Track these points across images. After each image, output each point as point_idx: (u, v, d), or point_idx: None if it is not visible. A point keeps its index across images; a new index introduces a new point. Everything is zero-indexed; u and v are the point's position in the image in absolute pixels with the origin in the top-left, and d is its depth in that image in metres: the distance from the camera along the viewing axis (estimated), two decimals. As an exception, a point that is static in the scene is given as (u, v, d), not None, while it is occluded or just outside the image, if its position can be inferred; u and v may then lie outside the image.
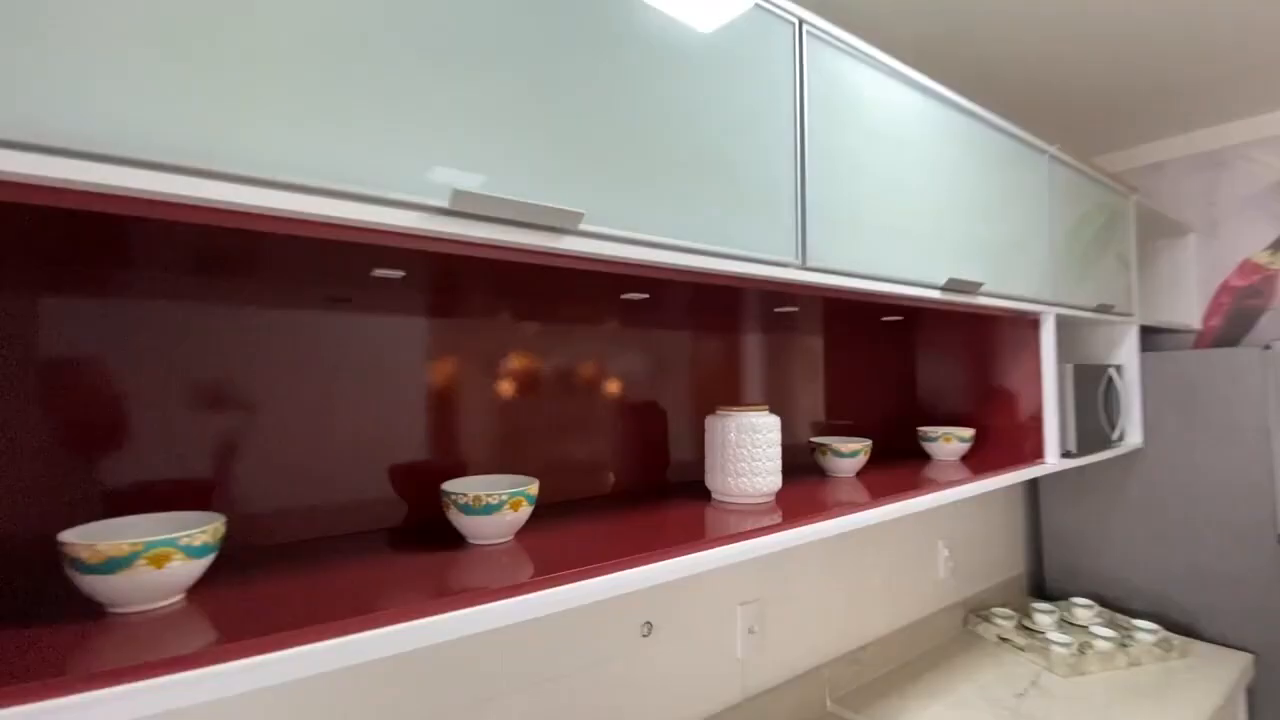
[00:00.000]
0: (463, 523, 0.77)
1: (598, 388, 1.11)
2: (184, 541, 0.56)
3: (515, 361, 1.01)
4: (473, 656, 0.94)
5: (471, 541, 0.79)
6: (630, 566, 0.71)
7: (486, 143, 0.61)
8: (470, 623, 0.59)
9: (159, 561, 0.55)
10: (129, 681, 0.45)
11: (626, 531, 0.84)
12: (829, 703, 1.44)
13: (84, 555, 0.53)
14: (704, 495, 1.08)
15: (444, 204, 0.57)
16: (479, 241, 0.61)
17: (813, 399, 1.49)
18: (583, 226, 0.66)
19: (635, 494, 1.10)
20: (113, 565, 0.53)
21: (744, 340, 1.35)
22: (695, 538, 0.80)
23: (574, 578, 0.67)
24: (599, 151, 0.69)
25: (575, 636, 1.06)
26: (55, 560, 0.64)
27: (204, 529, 0.58)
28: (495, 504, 0.76)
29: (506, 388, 1.00)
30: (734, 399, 1.32)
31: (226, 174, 0.48)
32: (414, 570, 0.68)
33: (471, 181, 0.59)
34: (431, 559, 0.72)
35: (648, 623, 1.16)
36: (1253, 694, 1.69)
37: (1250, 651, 1.70)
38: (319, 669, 0.51)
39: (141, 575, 0.54)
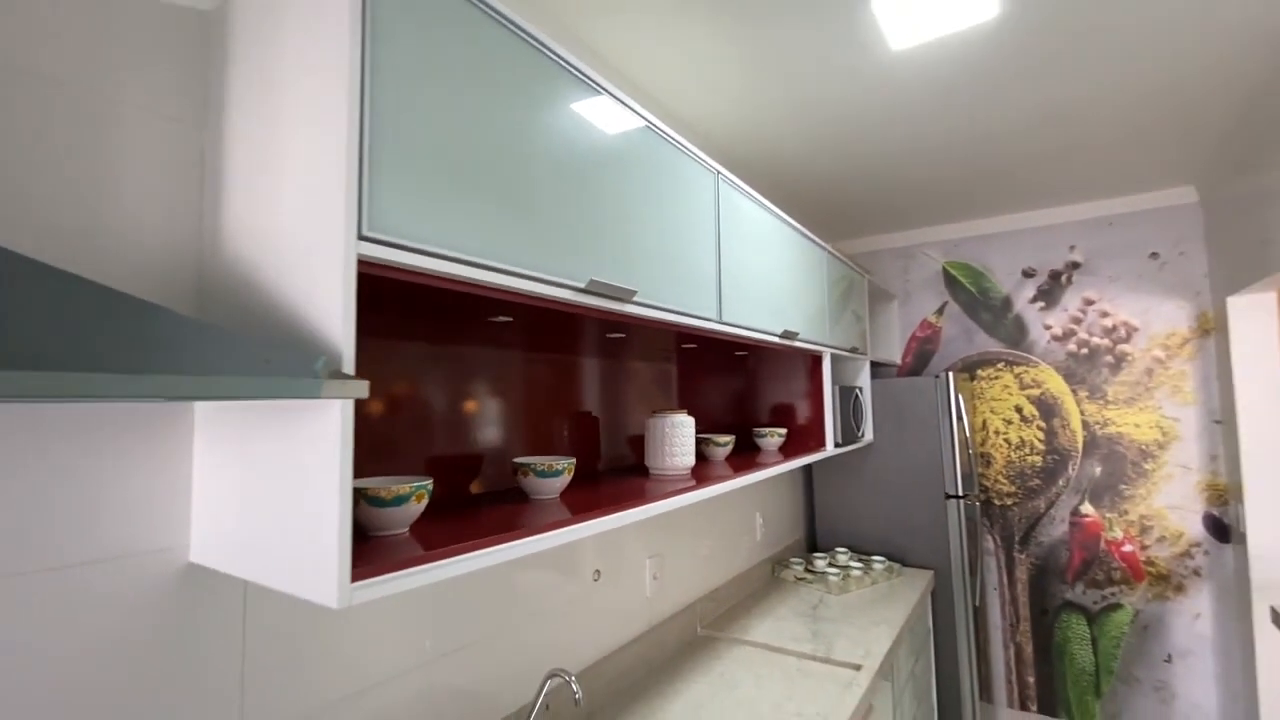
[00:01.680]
0: (532, 484, 1.16)
1: (573, 400, 1.54)
2: (430, 487, 0.90)
3: (531, 378, 1.40)
4: (498, 593, 1.30)
5: (533, 497, 1.18)
6: (630, 508, 1.15)
7: (606, 258, 1.05)
8: (548, 541, 0.96)
9: (420, 498, 0.88)
10: (455, 555, 0.80)
11: (617, 491, 1.28)
12: (699, 628, 1.99)
13: (382, 494, 0.84)
14: (644, 472, 1.56)
15: (583, 286, 1.00)
16: (588, 305, 1.04)
17: (693, 407, 2.06)
18: (635, 298, 1.13)
19: (595, 472, 1.54)
20: (399, 500, 0.85)
21: (655, 368, 1.87)
22: (657, 494, 1.27)
23: (603, 514, 1.08)
24: (647, 256, 1.16)
25: (554, 581, 1.46)
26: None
27: (429, 481, 0.91)
28: (556, 470, 1.16)
29: (537, 395, 1.38)
30: (651, 407, 1.83)
31: (510, 270, 0.86)
32: (518, 511, 1.06)
33: (596, 274, 1.03)
34: (509, 508, 1.10)
35: (597, 570, 1.59)
36: (934, 594, 2.66)
37: (932, 569, 2.67)
38: (495, 561, 0.87)
39: (411, 507, 0.87)
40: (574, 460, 1.20)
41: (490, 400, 1.34)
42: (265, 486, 0.74)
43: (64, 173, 0.76)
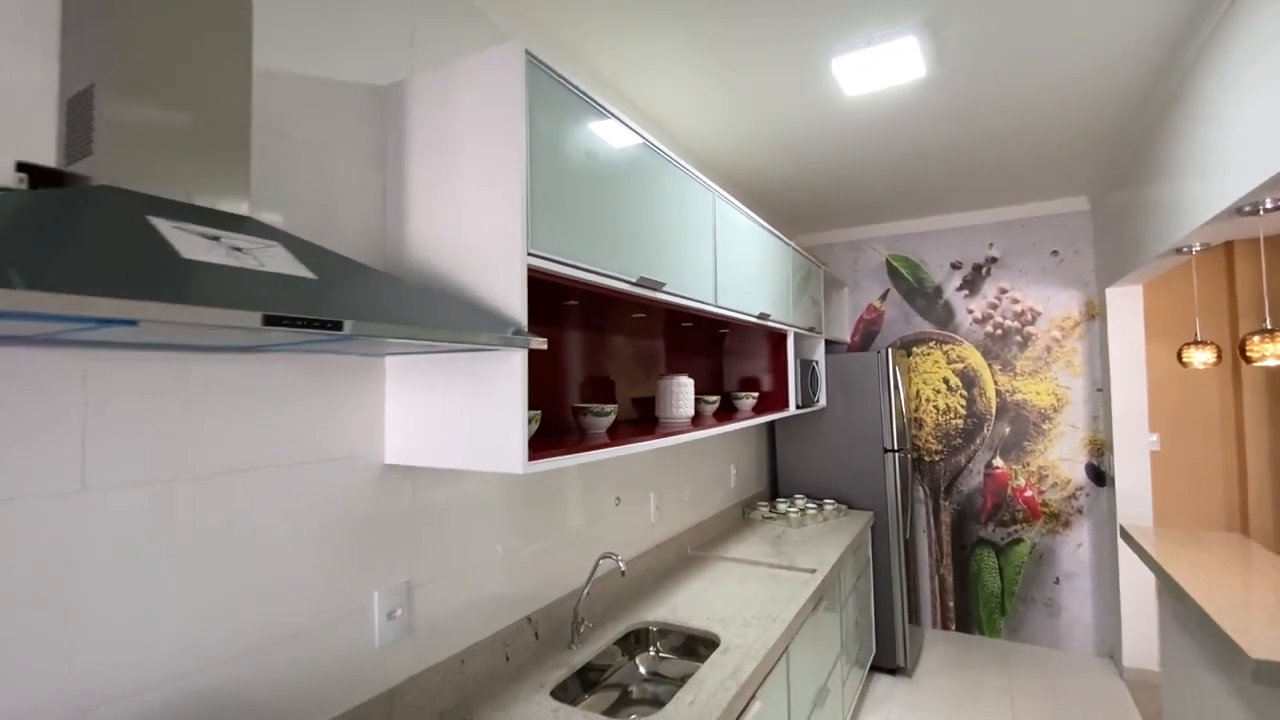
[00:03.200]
0: (589, 421, 1.61)
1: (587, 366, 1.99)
2: (540, 415, 1.34)
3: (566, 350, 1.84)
4: (550, 511, 1.75)
5: (589, 432, 1.63)
6: (657, 439, 1.61)
7: (655, 259, 1.49)
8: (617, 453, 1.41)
9: (535, 421, 1.32)
10: (573, 454, 1.24)
11: (643, 430, 1.74)
12: (690, 550, 2.49)
13: (515, 417, 1.28)
14: (654, 422, 2.02)
15: (634, 280, 1.45)
16: (633, 292, 1.49)
17: (689, 373, 2.52)
18: (664, 288, 1.58)
19: (617, 421, 2.00)
20: (529, 421, 1.29)
21: (655, 343, 2.32)
22: (669, 432, 1.73)
23: (643, 440, 1.54)
24: (670, 256, 1.61)
25: (587, 502, 1.91)
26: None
27: (539, 411, 1.35)
28: (606, 411, 1.61)
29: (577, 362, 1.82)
30: (653, 374, 2.29)
31: (604, 273, 1.30)
32: (584, 438, 1.51)
33: (644, 271, 1.48)
34: (579, 436, 1.55)
35: (618, 497, 2.06)
36: (874, 529, 3.23)
37: (872, 510, 3.24)
38: (594, 459, 1.32)
39: (532, 426, 1.31)
40: (616, 406, 1.65)
41: (548, 364, 1.77)
42: (459, 406, 1.17)
43: (307, 203, 1.16)
